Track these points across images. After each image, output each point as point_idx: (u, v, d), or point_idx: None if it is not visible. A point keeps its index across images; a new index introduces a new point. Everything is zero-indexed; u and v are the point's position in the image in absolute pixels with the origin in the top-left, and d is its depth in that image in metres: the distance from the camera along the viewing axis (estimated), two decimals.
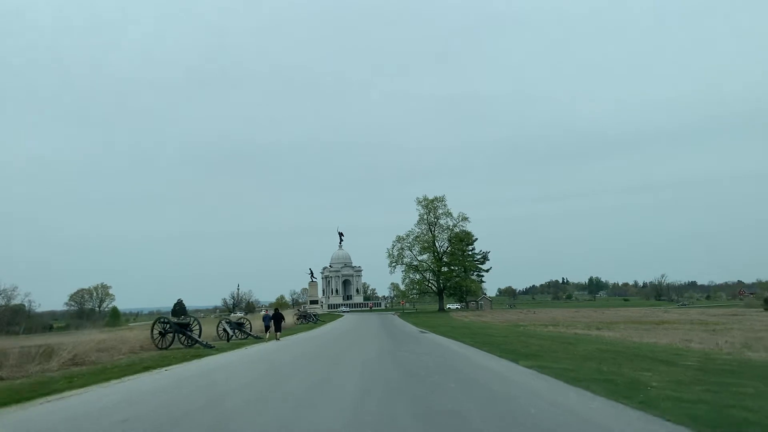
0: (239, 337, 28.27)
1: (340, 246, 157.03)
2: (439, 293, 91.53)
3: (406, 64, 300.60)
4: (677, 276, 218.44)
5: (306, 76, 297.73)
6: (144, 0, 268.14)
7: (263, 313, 32.16)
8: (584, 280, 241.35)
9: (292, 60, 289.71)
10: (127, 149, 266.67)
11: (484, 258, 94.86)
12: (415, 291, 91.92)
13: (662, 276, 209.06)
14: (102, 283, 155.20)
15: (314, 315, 58.24)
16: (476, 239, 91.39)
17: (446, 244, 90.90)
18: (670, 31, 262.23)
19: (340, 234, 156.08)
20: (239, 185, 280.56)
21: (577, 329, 33.36)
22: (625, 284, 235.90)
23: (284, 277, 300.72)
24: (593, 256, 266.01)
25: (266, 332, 27.52)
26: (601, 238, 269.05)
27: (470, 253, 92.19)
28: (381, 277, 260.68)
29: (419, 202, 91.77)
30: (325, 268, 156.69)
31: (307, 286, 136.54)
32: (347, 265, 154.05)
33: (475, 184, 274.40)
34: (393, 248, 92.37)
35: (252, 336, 28.32)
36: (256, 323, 32.71)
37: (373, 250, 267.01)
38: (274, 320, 27.06)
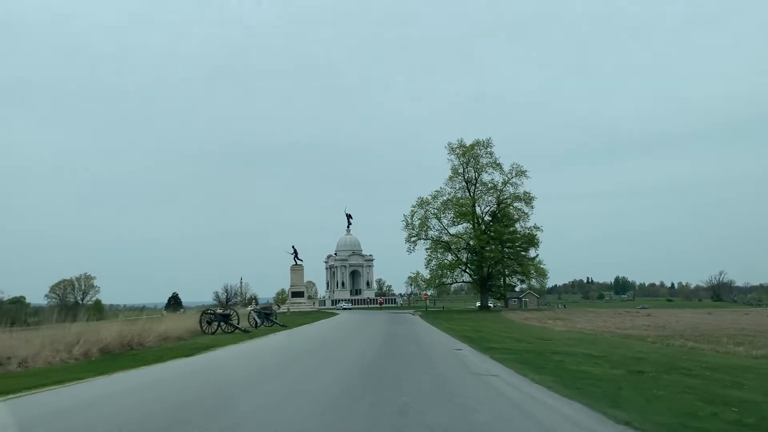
0: None
1: (348, 230, 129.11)
2: (482, 283, 61.14)
3: (430, 63, 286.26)
4: (700, 277, 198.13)
5: (329, 75, 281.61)
6: None
7: None
8: (608, 279, 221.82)
9: (316, 58, 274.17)
10: (148, 147, 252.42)
11: (530, 242, 61.44)
12: (445, 278, 61.70)
13: (721, 274, 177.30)
14: (85, 274, 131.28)
15: (268, 314, 30.61)
16: (530, 209, 59.86)
17: (494, 210, 60.32)
18: (699, 29, 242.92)
19: (348, 216, 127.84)
20: (254, 182, 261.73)
21: None
22: (652, 284, 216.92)
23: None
24: (616, 255, 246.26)
25: None
26: (624, 238, 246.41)
27: (510, 234, 60.23)
28: (398, 275, 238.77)
29: (452, 150, 61.04)
30: (329, 257, 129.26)
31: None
32: (356, 252, 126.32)
33: None
34: (412, 216, 61.45)
35: None
36: None
37: (393, 252, 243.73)
38: None
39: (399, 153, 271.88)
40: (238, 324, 24.58)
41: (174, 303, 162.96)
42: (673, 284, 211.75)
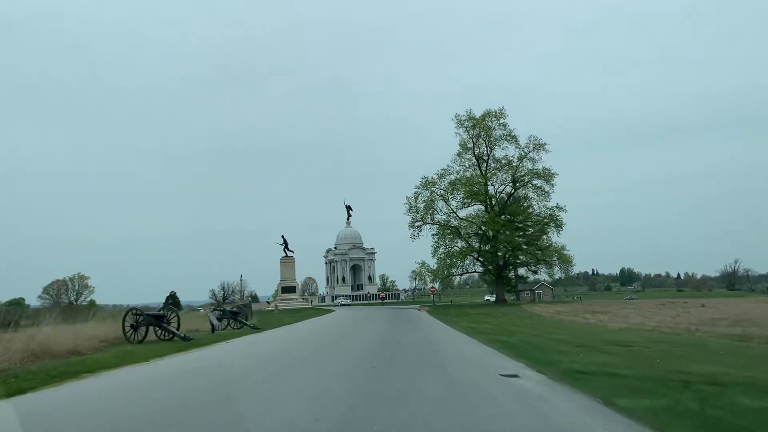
0: None
1: (348, 222, 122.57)
2: (498, 273, 53.84)
3: (432, 57, 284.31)
4: (702, 267, 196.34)
5: (330, 73, 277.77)
6: None
7: None
8: (612, 271, 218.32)
9: (317, 56, 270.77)
10: (147, 146, 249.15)
11: (551, 223, 52.75)
12: (454, 268, 53.93)
13: (736, 262, 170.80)
14: (79, 273, 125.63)
15: (236, 313, 24.15)
16: (550, 187, 51.95)
17: (510, 189, 52.81)
18: (701, 22, 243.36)
19: (348, 207, 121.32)
20: (254, 181, 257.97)
21: None
22: (658, 275, 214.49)
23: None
24: (619, 247, 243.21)
25: None
26: (627, 229, 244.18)
27: (526, 217, 53.32)
28: (401, 273, 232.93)
29: (460, 123, 53.15)
30: (329, 251, 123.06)
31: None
32: (356, 246, 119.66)
33: None
34: (416, 198, 53.64)
35: None
36: None
37: (395, 250, 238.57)
38: None
39: (399, 151, 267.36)
40: (177, 329, 17.72)
41: (172, 302, 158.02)
42: (679, 275, 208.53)
